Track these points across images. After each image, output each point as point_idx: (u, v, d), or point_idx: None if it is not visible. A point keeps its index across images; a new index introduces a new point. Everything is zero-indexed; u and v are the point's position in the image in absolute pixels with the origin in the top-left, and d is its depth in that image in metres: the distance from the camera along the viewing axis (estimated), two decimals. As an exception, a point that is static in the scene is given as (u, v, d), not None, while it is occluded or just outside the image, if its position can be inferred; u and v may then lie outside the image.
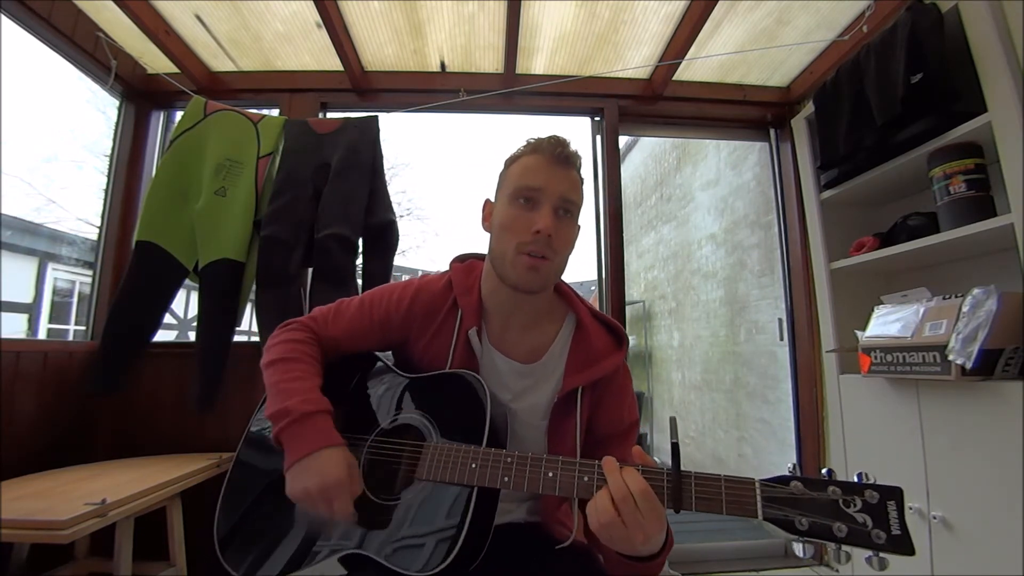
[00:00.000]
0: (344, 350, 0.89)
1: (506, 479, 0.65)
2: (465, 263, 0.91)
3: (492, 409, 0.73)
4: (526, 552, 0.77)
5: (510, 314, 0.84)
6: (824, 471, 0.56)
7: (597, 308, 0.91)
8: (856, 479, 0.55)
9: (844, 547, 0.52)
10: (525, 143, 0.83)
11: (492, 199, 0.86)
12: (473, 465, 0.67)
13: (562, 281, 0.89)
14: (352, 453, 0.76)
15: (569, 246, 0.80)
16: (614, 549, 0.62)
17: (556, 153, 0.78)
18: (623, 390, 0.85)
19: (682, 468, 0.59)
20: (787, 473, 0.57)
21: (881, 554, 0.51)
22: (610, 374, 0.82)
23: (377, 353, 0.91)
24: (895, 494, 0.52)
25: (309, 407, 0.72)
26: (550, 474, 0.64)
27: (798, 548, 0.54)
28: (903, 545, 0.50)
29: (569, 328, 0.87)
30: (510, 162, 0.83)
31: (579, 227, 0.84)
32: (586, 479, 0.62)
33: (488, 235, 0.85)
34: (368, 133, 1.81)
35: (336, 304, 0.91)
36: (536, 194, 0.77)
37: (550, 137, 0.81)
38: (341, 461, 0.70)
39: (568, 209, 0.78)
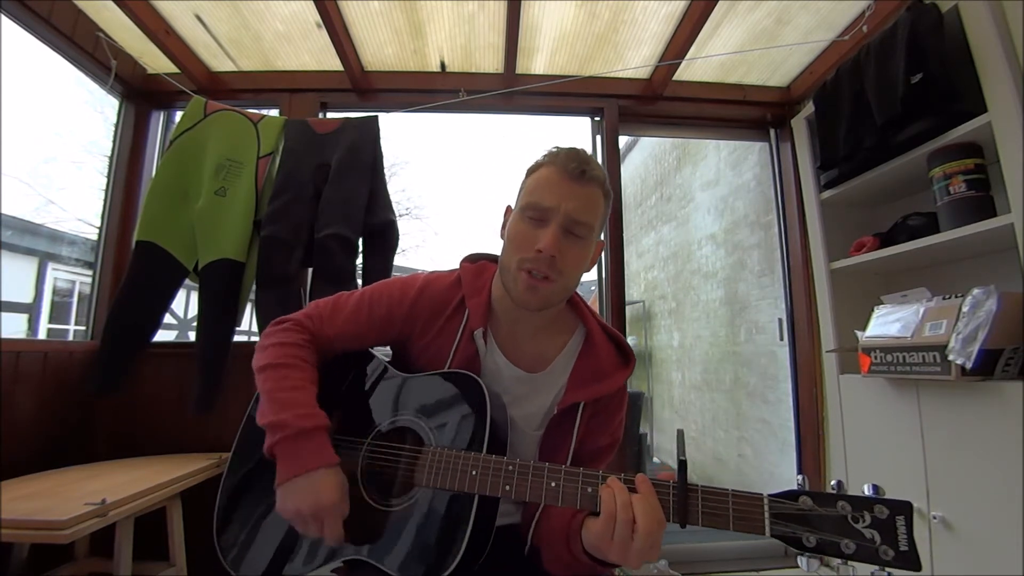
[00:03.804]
0: (341, 348, 0.87)
1: (507, 488, 0.64)
2: (476, 263, 0.89)
3: (493, 412, 0.71)
4: (523, 553, 0.77)
5: (517, 321, 0.82)
6: (833, 483, 0.56)
7: (599, 314, 0.89)
8: (871, 491, 0.54)
9: (851, 562, 0.52)
10: (546, 152, 0.80)
11: (513, 206, 0.84)
12: (474, 472, 0.66)
13: (576, 293, 0.87)
14: (349, 458, 0.75)
15: (578, 267, 0.77)
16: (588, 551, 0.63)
17: (569, 168, 0.74)
18: (616, 411, 0.83)
19: (688, 482, 0.58)
20: (796, 487, 0.56)
21: (888, 570, 0.51)
22: (611, 394, 0.81)
23: (372, 350, 0.89)
24: (904, 509, 0.52)
25: (307, 423, 0.71)
26: (552, 484, 0.63)
27: (803, 562, 0.55)
28: (911, 562, 0.50)
29: (577, 341, 0.85)
30: (530, 172, 0.80)
31: (599, 243, 0.82)
32: (589, 491, 0.61)
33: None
34: (368, 133, 1.81)
35: (334, 298, 0.88)
36: (544, 213, 0.74)
37: (569, 150, 0.78)
38: (336, 483, 0.69)
39: (575, 231, 0.74)
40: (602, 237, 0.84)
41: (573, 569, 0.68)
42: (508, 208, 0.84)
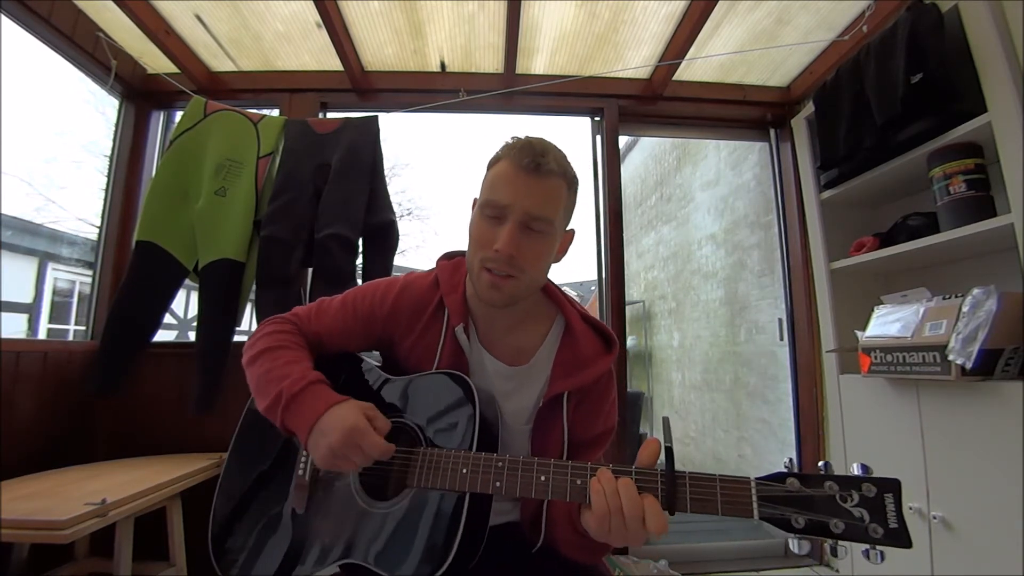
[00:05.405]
0: (328, 348, 0.86)
1: (498, 484, 0.64)
2: (452, 260, 0.89)
3: (482, 409, 0.71)
4: (523, 552, 0.77)
5: (493, 315, 0.82)
6: (821, 464, 0.56)
7: (591, 311, 0.89)
8: (860, 470, 0.54)
9: (841, 542, 0.52)
10: (505, 143, 0.77)
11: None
12: (464, 470, 0.66)
13: (551, 283, 0.86)
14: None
15: (541, 261, 0.75)
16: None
17: (524, 163, 0.71)
18: (604, 396, 0.82)
19: (676, 469, 0.58)
20: (784, 469, 0.56)
21: (878, 547, 0.51)
22: (595, 380, 0.80)
23: (362, 355, 0.89)
24: (892, 486, 0.52)
25: (304, 382, 0.71)
26: (542, 478, 0.63)
27: (793, 544, 0.54)
28: (900, 538, 0.50)
29: (557, 331, 0.85)
30: (490, 165, 0.78)
31: (568, 233, 0.81)
32: (579, 482, 0.61)
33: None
34: (368, 133, 1.81)
35: (317, 302, 0.88)
36: (501, 210, 0.72)
37: (524, 142, 0.74)
38: (352, 409, 0.69)
39: (534, 226, 0.72)
40: (572, 226, 0.82)
41: (588, 547, 0.69)
42: (475, 200, 0.82)
